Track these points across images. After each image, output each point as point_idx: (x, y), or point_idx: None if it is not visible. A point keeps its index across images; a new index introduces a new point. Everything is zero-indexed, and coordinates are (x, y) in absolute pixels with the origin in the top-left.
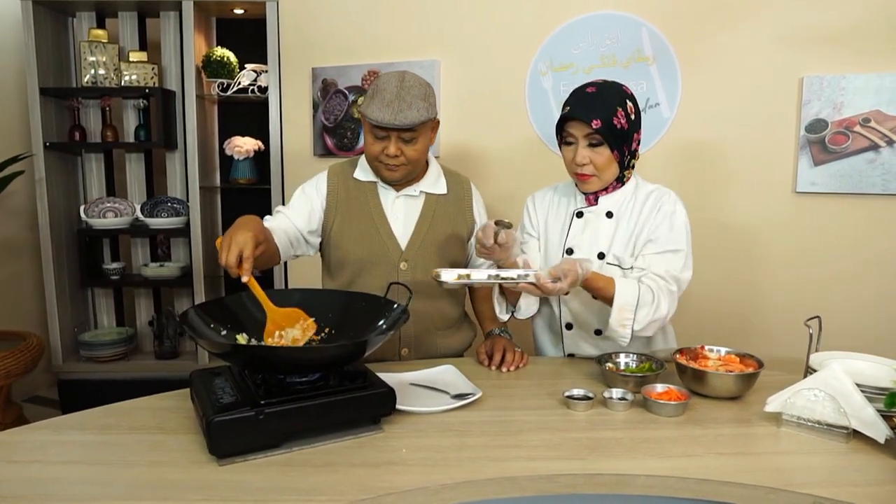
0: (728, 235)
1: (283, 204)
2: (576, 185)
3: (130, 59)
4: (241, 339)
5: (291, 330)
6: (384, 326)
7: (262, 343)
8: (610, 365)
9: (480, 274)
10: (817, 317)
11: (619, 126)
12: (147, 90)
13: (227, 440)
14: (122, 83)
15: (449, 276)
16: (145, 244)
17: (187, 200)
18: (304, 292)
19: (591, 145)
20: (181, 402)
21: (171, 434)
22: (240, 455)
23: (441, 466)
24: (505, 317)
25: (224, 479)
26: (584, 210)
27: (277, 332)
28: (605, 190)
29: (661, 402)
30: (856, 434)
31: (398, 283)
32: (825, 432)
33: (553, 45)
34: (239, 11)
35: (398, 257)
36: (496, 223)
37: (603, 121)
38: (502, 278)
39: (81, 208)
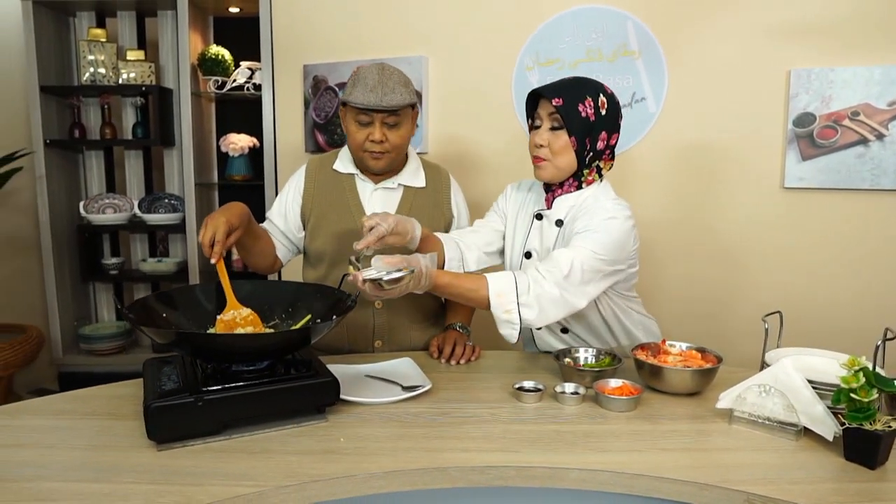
0: (714, 233)
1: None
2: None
3: (128, 58)
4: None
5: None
6: (333, 316)
7: (206, 331)
8: (568, 360)
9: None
10: (777, 312)
11: (583, 113)
12: (144, 88)
13: (164, 426)
14: (121, 81)
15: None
16: (144, 240)
17: (184, 197)
18: (256, 283)
19: (553, 129)
20: (137, 390)
21: (121, 420)
22: (179, 441)
23: (374, 456)
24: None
25: (159, 464)
26: (542, 213)
27: (232, 312)
28: (562, 188)
29: (612, 396)
30: (807, 432)
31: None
32: (775, 429)
33: (539, 39)
34: (234, 10)
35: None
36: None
37: (565, 101)
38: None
39: (81, 204)
